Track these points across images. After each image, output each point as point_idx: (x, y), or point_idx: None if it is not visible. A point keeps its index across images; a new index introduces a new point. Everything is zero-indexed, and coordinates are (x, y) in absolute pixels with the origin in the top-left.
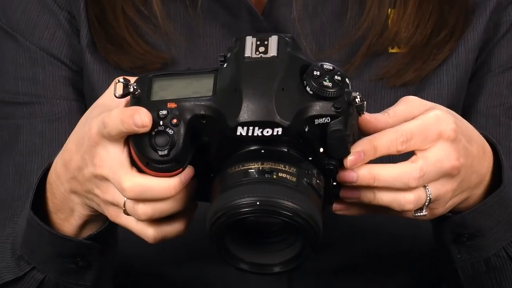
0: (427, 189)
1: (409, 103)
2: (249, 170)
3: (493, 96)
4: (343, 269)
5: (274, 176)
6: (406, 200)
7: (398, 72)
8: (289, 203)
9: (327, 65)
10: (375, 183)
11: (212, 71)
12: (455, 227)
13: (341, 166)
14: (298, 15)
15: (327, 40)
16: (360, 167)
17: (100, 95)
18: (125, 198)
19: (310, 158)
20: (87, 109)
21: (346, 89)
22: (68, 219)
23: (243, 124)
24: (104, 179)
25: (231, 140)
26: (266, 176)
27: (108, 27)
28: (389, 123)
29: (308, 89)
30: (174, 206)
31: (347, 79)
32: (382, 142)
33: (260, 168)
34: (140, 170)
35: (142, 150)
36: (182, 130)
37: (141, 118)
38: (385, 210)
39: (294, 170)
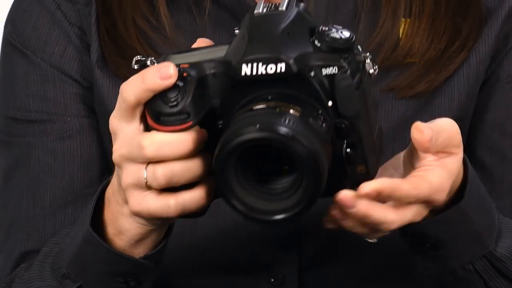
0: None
1: (451, 134)
2: (254, 108)
3: (500, 106)
4: (354, 280)
5: (277, 110)
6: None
7: (409, 84)
8: (290, 130)
9: (337, 26)
10: (364, 218)
11: (230, 42)
12: (415, 235)
13: (354, 130)
14: None
15: None
16: (361, 201)
17: (111, 109)
18: (145, 171)
19: (320, 111)
20: (99, 125)
21: (355, 48)
22: (118, 235)
23: (247, 62)
24: (124, 159)
25: (239, 86)
26: (270, 110)
27: (118, 39)
28: (430, 148)
29: (316, 42)
30: (192, 169)
31: (359, 46)
32: (397, 194)
33: (265, 106)
34: None
35: (153, 106)
36: (192, 83)
37: (168, 69)
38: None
39: (299, 109)
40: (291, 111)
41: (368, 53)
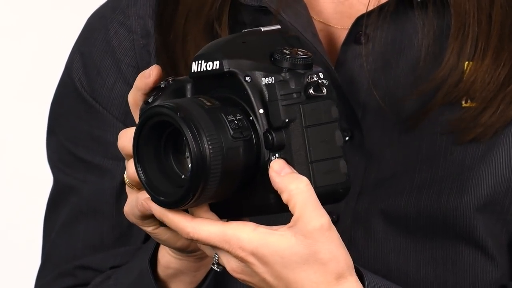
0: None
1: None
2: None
3: None
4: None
5: (194, 98)
6: None
7: (468, 125)
8: (175, 104)
9: (302, 51)
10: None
11: None
12: None
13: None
14: (371, 67)
15: (400, 90)
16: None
17: None
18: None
19: (251, 118)
20: None
21: (304, 70)
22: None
23: (195, 59)
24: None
25: (194, 84)
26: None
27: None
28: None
29: (272, 59)
30: None
31: (318, 73)
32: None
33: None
34: None
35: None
36: (173, 86)
37: (150, 69)
38: None
39: (216, 103)
40: (206, 102)
41: (321, 74)
